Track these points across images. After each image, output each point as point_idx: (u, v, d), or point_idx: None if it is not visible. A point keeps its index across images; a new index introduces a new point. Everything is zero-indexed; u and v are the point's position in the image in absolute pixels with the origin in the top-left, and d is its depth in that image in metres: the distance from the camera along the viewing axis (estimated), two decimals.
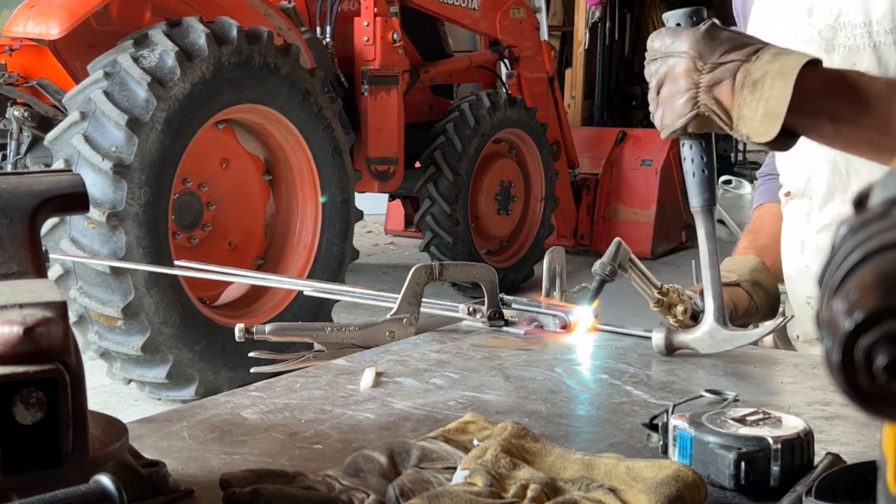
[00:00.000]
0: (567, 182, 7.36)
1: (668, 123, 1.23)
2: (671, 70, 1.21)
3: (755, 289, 1.60)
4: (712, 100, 1.19)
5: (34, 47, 4.51)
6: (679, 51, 1.20)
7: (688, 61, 1.19)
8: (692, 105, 1.20)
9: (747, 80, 1.17)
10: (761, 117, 1.16)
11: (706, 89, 1.19)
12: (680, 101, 1.21)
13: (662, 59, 1.22)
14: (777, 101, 1.15)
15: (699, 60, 1.19)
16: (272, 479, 0.87)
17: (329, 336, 1.42)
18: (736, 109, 1.18)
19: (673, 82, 1.21)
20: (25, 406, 0.67)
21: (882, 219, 0.41)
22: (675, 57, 1.21)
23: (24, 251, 0.80)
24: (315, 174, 4.92)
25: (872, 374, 0.39)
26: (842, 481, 0.86)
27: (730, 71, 1.18)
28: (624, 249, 1.46)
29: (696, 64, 1.19)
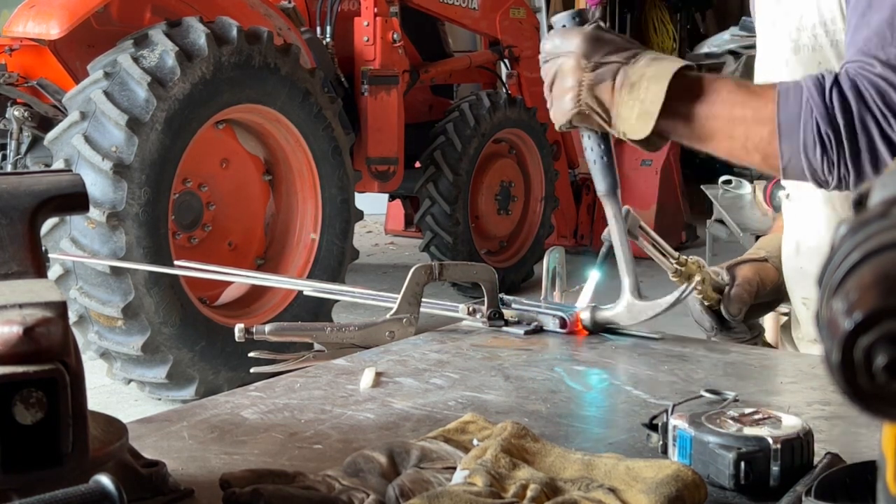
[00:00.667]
0: (567, 182, 7.36)
1: (557, 118, 1.33)
2: (560, 68, 1.30)
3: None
4: (593, 98, 1.28)
5: (34, 47, 4.51)
6: (566, 50, 1.30)
7: (574, 60, 1.29)
8: (575, 102, 1.29)
9: (626, 82, 1.26)
10: (637, 117, 1.26)
11: (588, 88, 1.28)
12: (566, 98, 1.30)
13: (553, 60, 1.32)
14: (651, 102, 1.25)
15: (583, 59, 1.28)
16: (272, 479, 0.87)
17: (329, 336, 1.42)
18: (615, 108, 1.28)
19: (561, 80, 1.30)
20: (25, 406, 0.67)
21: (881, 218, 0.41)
22: (563, 56, 1.30)
23: (24, 251, 0.80)
24: (315, 174, 4.92)
25: (872, 374, 0.39)
26: (841, 481, 0.86)
27: (611, 72, 1.28)
28: (633, 216, 1.47)
29: (581, 62, 1.28)
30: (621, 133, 1.29)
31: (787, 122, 1.21)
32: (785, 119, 1.22)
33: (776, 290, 1.61)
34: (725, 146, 1.27)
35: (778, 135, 1.22)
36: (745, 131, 1.25)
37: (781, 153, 1.22)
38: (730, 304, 1.54)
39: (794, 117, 1.21)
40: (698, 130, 1.27)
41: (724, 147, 1.28)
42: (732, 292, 1.55)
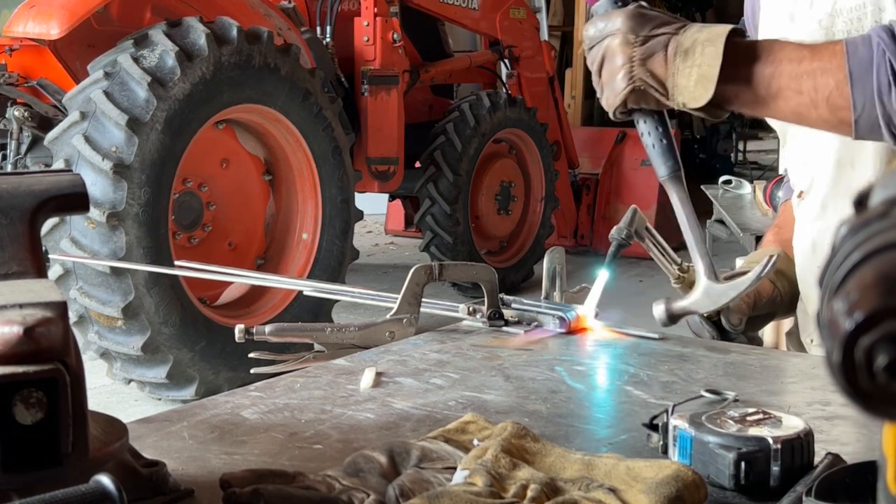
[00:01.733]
0: (567, 182, 7.36)
1: (611, 102, 1.28)
2: (607, 49, 1.26)
3: (778, 277, 1.60)
4: (646, 72, 1.24)
5: (34, 47, 4.51)
6: (612, 30, 1.26)
7: (621, 37, 1.25)
8: (628, 79, 1.25)
9: (679, 50, 1.22)
10: (695, 83, 1.22)
11: (640, 62, 1.24)
12: (618, 78, 1.26)
13: (598, 44, 1.28)
14: (709, 65, 1.21)
15: (631, 34, 1.24)
16: (272, 479, 0.87)
17: (329, 336, 1.42)
18: (670, 79, 1.23)
19: (610, 61, 1.26)
20: (25, 406, 0.67)
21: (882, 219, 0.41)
22: (609, 37, 1.26)
23: (24, 251, 0.80)
24: (315, 174, 4.92)
25: (873, 374, 0.39)
26: (842, 481, 0.86)
27: (661, 43, 1.24)
28: (640, 217, 1.46)
29: (629, 38, 1.24)
30: (681, 104, 1.24)
31: (858, 67, 1.17)
32: (856, 65, 1.17)
33: (772, 302, 1.59)
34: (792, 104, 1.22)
35: (850, 82, 1.17)
36: (812, 84, 1.19)
37: (854, 102, 1.17)
38: (730, 314, 1.53)
39: (866, 62, 1.17)
40: (763, 90, 1.22)
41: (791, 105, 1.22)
42: (731, 303, 1.53)
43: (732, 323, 1.53)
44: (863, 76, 1.17)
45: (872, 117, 1.18)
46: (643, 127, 1.32)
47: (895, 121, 1.17)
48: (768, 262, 1.35)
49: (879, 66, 1.16)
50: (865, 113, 1.18)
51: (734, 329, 1.53)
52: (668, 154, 1.32)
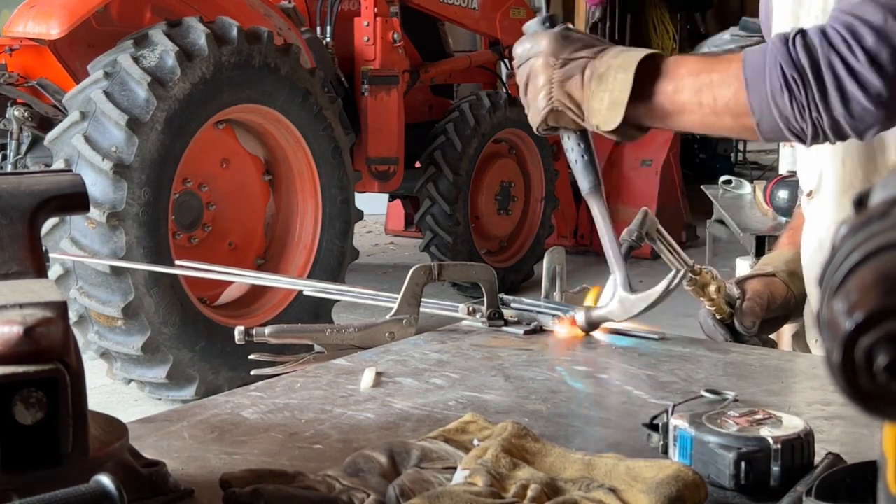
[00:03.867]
0: (567, 182, 7.35)
1: (533, 119, 1.34)
2: (532, 69, 1.32)
3: (792, 279, 1.61)
4: (564, 94, 1.30)
5: (34, 47, 4.51)
6: (536, 51, 1.32)
7: (543, 59, 1.31)
8: (547, 100, 1.31)
9: (595, 74, 1.28)
10: (607, 107, 1.28)
11: (559, 84, 1.30)
12: (539, 97, 1.32)
13: (525, 63, 1.34)
14: (620, 90, 1.26)
15: (552, 57, 1.30)
16: (272, 479, 0.87)
17: (329, 337, 1.42)
18: (586, 102, 1.29)
19: (533, 81, 1.32)
20: (25, 406, 0.67)
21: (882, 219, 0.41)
22: (534, 57, 1.32)
23: (24, 251, 0.80)
24: (315, 174, 4.92)
25: (873, 375, 0.39)
26: (842, 481, 0.86)
27: (579, 66, 1.30)
28: (651, 218, 1.47)
29: (550, 60, 1.30)
30: (595, 126, 1.30)
31: (752, 74, 1.22)
32: (750, 72, 1.22)
33: (785, 304, 1.60)
34: (697, 116, 1.27)
35: (745, 89, 1.22)
36: (712, 95, 1.24)
37: (751, 107, 1.22)
38: (743, 317, 1.53)
39: (759, 68, 1.21)
40: (668, 106, 1.27)
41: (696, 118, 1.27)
42: (745, 306, 1.54)
43: (745, 326, 1.53)
44: (758, 83, 1.22)
45: (771, 120, 1.22)
46: (566, 143, 1.39)
47: (791, 121, 1.21)
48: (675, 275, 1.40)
49: (771, 71, 1.20)
50: (764, 117, 1.22)
51: (747, 332, 1.54)
52: (588, 170, 1.39)
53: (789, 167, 4.07)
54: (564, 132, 1.38)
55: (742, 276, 1.60)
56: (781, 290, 1.59)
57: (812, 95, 1.18)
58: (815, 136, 1.22)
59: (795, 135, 1.23)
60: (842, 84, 1.17)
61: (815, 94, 1.18)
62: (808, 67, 1.18)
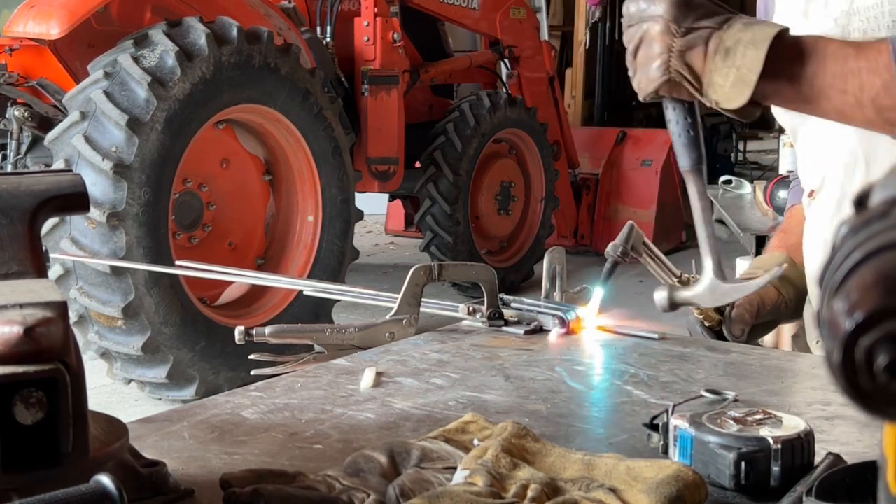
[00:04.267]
0: (567, 182, 7.36)
1: (643, 87, 1.25)
2: (646, 34, 1.22)
3: (783, 284, 1.59)
4: (684, 65, 1.21)
5: (34, 47, 4.51)
6: (654, 14, 1.22)
7: (662, 24, 1.21)
8: (664, 69, 1.21)
9: (720, 48, 1.19)
10: (731, 84, 1.19)
11: (678, 54, 1.21)
12: (654, 65, 1.22)
13: (638, 24, 1.24)
14: (749, 69, 1.18)
15: (673, 24, 1.20)
16: (272, 479, 0.87)
17: (329, 338, 1.42)
18: (707, 76, 1.20)
19: (648, 46, 1.23)
20: (25, 406, 0.67)
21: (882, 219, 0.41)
22: (651, 21, 1.22)
23: (24, 251, 0.80)
24: (315, 174, 4.92)
25: (873, 374, 0.39)
26: (842, 481, 0.86)
27: (702, 37, 1.20)
28: (637, 232, 1.46)
29: (671, 27, 1.20)
30: (713, 102, 1.22)
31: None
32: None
33: (776, 310, 1.59)
34: (836, 103, 1.19)
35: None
36: (858, 83, 1.17)
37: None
38: (732, 325, 1.52)
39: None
40: (806, 88, 1.20)
41: (835, 104, 1.20)
42: (734, 313, 1.52)
43: (734, 334, 1.52)
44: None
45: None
46: (671, 115, 1.29)
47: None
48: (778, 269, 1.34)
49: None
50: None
51: (736, 340, 1.53)
52: (693, 146, 1.29)
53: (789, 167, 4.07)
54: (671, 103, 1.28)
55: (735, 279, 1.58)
56: (772, 295, 1.57)
57: None
58: None
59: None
60: None
61: None
62: None
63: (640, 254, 1.46)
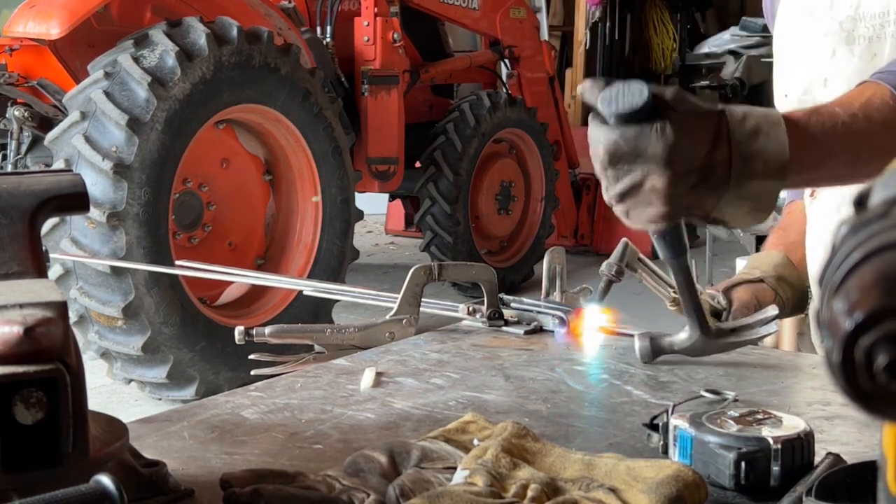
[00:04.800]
0: (567, 182, 7.36)
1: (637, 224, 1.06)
2: (643, 186, 1.01)
3: (780, 284, 1.58)
4: (690, 207, 1.03)
5: (34, 47, 4.51)
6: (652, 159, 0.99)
7: (667, 177, 0.99)
8: (667, 209, 1.02)
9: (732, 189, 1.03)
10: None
11: (687, 208, 1.03)
12: (649, 210, 1.03)
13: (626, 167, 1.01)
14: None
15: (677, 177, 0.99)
16: (272, 479, 0.87)
17: (329, 338, 1.42)
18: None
19: (645, 196, 1.02)
20: (25, 406, 0.67)
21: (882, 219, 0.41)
22: (643, 166, 0.99)
23: (24, 251, 0.80)
24: (315, 174, 4.92)
25: (873, 374, 0.39)
26: (842, 481, 0.86)
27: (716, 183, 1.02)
28: (631, 249, 1.46)
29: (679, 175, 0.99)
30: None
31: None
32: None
33: None
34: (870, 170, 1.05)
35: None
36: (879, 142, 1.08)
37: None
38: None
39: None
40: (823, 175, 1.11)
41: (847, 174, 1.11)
42: (731, 317, 1.52)
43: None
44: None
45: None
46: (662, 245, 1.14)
47: None
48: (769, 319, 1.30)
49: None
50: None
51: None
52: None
53: None
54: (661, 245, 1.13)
55: (730, 283, 1.56)
56: (769, 296, 1.56)
57: None
58: None
59: None
60: None
61: None
62: None
63: (636, 270, 1.46)
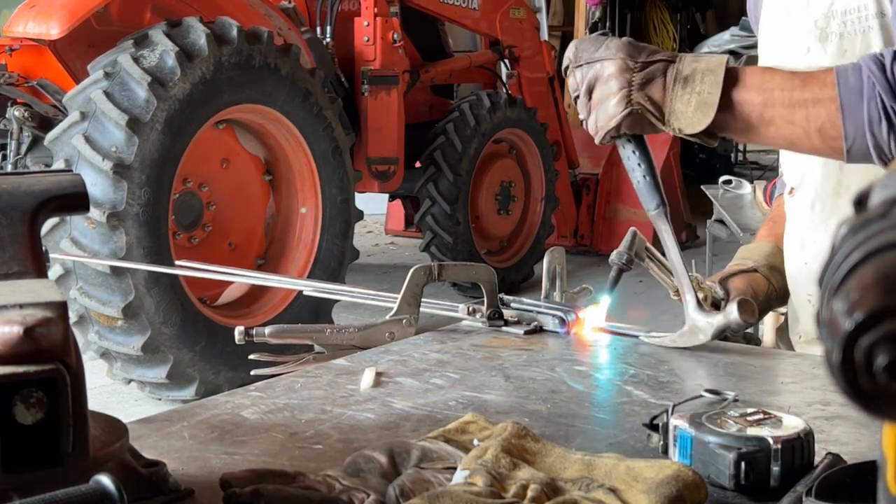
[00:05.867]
0: (567, 182, 7.36)
1: (602, 125, 1.30)
2: (601, 73, 1.27)
3: (772, 273, 1.62)
4: (645, 97, 1.26)
5: (34, 47, 4.51)
6: (607, 55, 1.27)
7: (618, 62, 1.26)
8: (626, 103, 1.26)
9: (678, 77, 1.25)
10: (694, 109, 1.25)
11: (638, 87, 1.26)
12: (612, 102, 1.27)
13: (589, 65, 1.29)
14: (709, 92, 1.24)
15: (629, 60, 1.26)
16: (272, 479, 0.87)
17: (329, 338, 1.42)
18: (668, 105, 1.26)
19: (604, 84, 1.27)
20: (25, 406, 0.67)
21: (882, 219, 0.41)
22: (604, 60, 1.27)
23: (24, 251, 0.80)
24: (315, 174, 4.92)
25: (872, 375, 0.39)
26: (842, 481, 0.86)
27: (660, 69, 1.26)
28: (640, 238, 1.47)
29: (628, 63, 1.26)
30: (676, 129, 1.28)
31: (848, 100, 1.20)
32: (846, 97, 1.20)
33: (767, 299, 1.61)
34: (785, 132, 1.25)
35: (841, 114, 1.20)
36: (805, 114, 1.22)
37: (845, 133, 1.20)
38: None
39: (856, 95, 1.19)
40: (755, 119, 1.25)
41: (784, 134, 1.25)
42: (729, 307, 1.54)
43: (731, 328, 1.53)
44: (854, 108, 1.20)
45: (863, 147, 1.21)
46: (633, 157, 1.35)
47: (885, 151, 1.20)
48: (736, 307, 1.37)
49: (870, 100, 1.19)
50: (857, 143, 1.21)
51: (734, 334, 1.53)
52: (654, 190, 1.37)
53: None
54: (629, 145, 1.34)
55: (725, 273, 1.60)
56: (763, 285, 1.60)
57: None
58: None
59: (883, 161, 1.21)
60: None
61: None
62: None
63: (644, 259, 1.47)
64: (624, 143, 1.35)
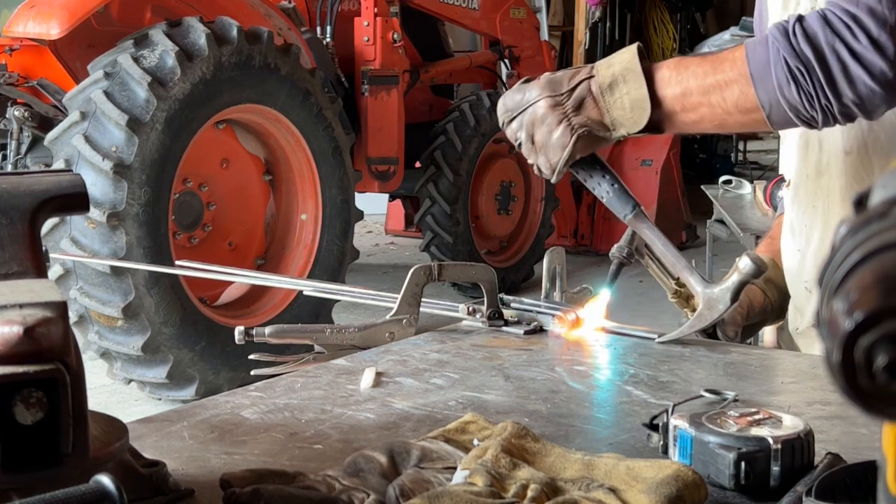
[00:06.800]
0: (567, 182, 7.35)
1: (555, 159, 1.36)
2: (535, 116, 1.35)
3: (768, 286, 1.63)
4: (584, 118, 1.33)
5: (34, 47, 4.51)
6: (532, 98, 1.35)
7: (546, 100, 1.34)
8: (570, 131, 1.33)
9: (602, 88, 1.32)
10: (630, 110, 1.31)
11: (574, 113, 1.33)
12: (556, 135, 1.34)
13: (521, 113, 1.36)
14: (637, 88, 1.30)
15: (555, 94, 1.34)
16: (272, 479, 0.87)
17: (329, 338, 1.42)
18: (607, 117, 1.33)
19: (542, 124, 1.34)
20: (25, 406, 0.67)
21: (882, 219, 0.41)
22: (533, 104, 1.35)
23: (24, 251, 0.80)
24: (315, 174, 4.92)
25: (872, 375, 0.39)
26: (842, 481, 0.86)
27: (585, 88, 1.33)
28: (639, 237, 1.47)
29: (555, 98, 1.33)
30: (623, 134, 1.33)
31: (757, 69, 1.24)
32: (755, 68, 1.24)
33: (763, 311, 1.63)
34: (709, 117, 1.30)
35: (752, 86, 1.25)
36: (721, 95, 1.27)
37: (760, 102, 1.25)
38: (726, 326, 1.54)
39: (763, 63, 1.24)
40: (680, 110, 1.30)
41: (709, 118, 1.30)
42: (727, 316, 1.54)
43: (728, 335, 1.54)
44: (763, 77, 1.24)
45: (781, 112, 1.25)
46: (591, 181, 1.40)
47: (801, 111, 1.23)
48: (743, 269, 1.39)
49: (776, 65, 1.23)
50: (774, 110, 1.25)
51: (730, 341, 1.54)
52: (624, 196, 1.40)
53: None
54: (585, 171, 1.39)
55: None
56: (759, 297, 1.62)
57: (819, 83, 1.21)
58: (826, 121, 1.24)
59: (806, 122, 1.25)
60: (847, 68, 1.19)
61: (823, 82, 1.21)
62: (813, 56, 1.20)
63: (643, 255, 1.47)
64: (578, 169, 1.39)
